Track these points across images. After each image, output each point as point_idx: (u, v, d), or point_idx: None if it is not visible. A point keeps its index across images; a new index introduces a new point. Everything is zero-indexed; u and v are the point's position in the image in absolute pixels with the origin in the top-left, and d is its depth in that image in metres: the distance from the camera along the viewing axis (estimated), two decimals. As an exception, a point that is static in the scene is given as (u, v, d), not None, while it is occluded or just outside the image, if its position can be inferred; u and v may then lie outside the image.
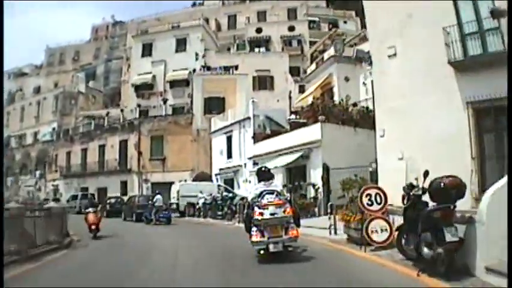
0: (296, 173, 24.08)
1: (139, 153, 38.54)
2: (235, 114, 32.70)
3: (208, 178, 34.00)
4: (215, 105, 37.82)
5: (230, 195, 26.04)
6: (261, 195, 8.16)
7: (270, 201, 7.95)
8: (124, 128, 40.50)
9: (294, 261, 8.09)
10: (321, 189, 21.43)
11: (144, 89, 44.91)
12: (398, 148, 13.19)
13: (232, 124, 32.02)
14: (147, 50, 46.51)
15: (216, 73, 40.93)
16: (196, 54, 42.86)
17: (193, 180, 33.83)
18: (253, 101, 30.37)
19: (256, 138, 28.55)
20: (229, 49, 52.71)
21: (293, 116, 27.79)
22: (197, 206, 26.45)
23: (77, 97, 54.59)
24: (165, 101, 40.59)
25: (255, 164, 26.97)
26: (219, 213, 23.92)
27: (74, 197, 35.80)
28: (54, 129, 52.47)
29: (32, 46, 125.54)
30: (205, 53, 43.82)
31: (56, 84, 61.75)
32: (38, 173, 53.18)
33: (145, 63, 45.66)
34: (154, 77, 44.65)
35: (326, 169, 21.22)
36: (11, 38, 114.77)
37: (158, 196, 22.32)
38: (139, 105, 41.42)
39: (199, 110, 38.64)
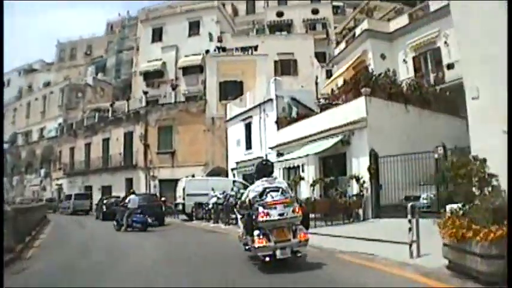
0: (333, 163, 19.02)
1: (146, 146, 34.15)
2: (254, 97, 27.85)
3: (224, 174, 29.36)
4: (232, 90, 33.04)
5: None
6: (263, 193, 7.16)
7: (277, 200, 7.00)
8: (129, 119, 36.21)
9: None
10: (367, 184, 16.31)
11: (153, 77, 40.83)
12: (501, 115, 7.81)
13: (251, 109, 27.24)
14: (157, 35, 42.49)
15: (232, 54, 36.06)
16: (210, 35, 38.19)
17: (207, 176, 29.00)
18: (275, 80, 25.50)
19: (280, 123, 23.75)
20: (247, 34, 48.11)
21: (323, 100, 22.80)
22: (207, 207, 21.38)
23: (84, 90, 50.69)
24: (174, 87, 36.02)
25: (279, 154, 22.42)
26: (233, 216, 18.91)
27: (68, 197, 31.72)
28: (60, 124, 48.63)
29: (45, 45, 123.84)
30: (220, 35, 39.11)
31: (65, 79, 58.09)
32: (43, 171, 49.77)
33: (155, 49, 41.63)
34: (164, 63, 40.52)
35: (374, 157, 16.20)
36: (24, 37, 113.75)
37: (132, 196, 18.47)
38: (146, 93, 36.95)
39: (214, 96, 33.98)
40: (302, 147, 19.66)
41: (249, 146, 27.63)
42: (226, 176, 28.69)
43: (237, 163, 28.63)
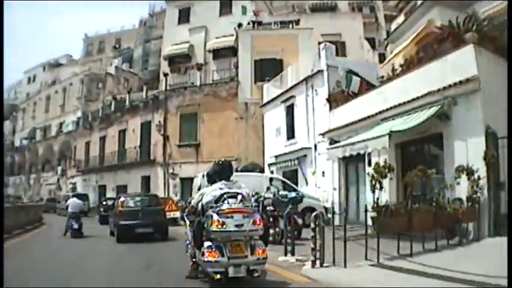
0: (417, 151, 12.92)
1: (165, 138, 28.57)
2: (298, 73, 22.02)
3: (260, 171, 23.28)
4: (269, 69, 27.00)
5: (292, 195, 14.18)
6: (220, 199, 6.26)
7: (235, 208, 6.07)
8: (147, 106, 30.83)
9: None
10: (483, 181, 10.00)
11: (179, 62, 35.50)
12: None
13: (294, 87, 21.43)
14: (184, 16, 37.13)
15: (270, 29, 30.21)
16: (244, 8, 32.56)
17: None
18: (325, 45, 19.51)
19: (334, 101, 17.97)
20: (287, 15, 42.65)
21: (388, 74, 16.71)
22: None
23: (105, 80, 45.65)
24: (199, 66, 30.40)
25: (332, 142, 16.62)
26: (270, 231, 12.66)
27: (66, 198, 27.10)
28: (79, 118, 44.03)
29: (74, 40, 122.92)
30: (256, 10, 33.55)
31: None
32: (59, 169, 45.13)
33: (182, 32, 36.33)
34: (192, 46, 35.11)
35: (492, 138, 10.17)
36: (52, 33, 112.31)
37: (72, 200, 16.61)
38: (166, 75, 31.45)
39: (248, 77, 28.17)
40: (369, 129, 13.52)
41: (291, 134, 21.98)
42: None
43: (276, 157, 22.82)
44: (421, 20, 20.32)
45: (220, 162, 7.05)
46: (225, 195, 6.36)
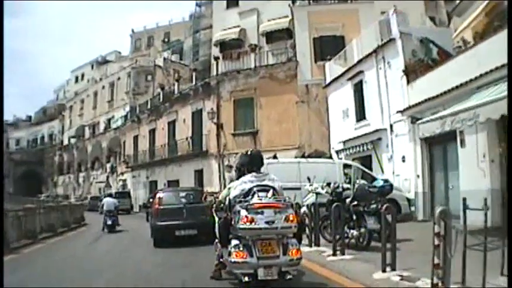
0: None
1: (219, 127, 26.15)
2: (362, 47, 19.28)
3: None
4: (330, 47, 24.13)
5: (380, 183, 11.08)
6: (249, 192, 5.60)
7: (266, 203, 5.37)
8: (197, 93, 28.57)
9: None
10: None
11: (230, 47, 33.11)
12: None
13: (362, 61, 18.70)
14: (232, 0, 34.62)
15: (327, 3, 27.41)
16: (297, -19, 29.62)
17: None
18: (395, 11, 16.69)
19: (413, 72, 15.58)
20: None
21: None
22: (301, 211, 11.81)
23: (154, 72, 44.08)
24: (253, 48, 27.78)
25: (414, 120, 14.10)
26: (351, 232, 9.15)
27: (108, 196, 25.91)
28: (128, 112, 42.67)
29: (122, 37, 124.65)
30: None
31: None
32: (108, 166, 43.88)
33: (231, 16, 33.94)
34: (243, 31, 32.61)
35: None
36: (101, 30, 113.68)
37: (106, 199, 18.75)
38: (217, 58, 29.08)
39: (307, 56, 25.35)
40: (461, 101, 10.50)
41: (361, 115, 19.29)
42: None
43: (344, 142, 19.99)
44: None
45: (249, 153, 6.44)
46: (254, 189, 5.73)
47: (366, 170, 15.72)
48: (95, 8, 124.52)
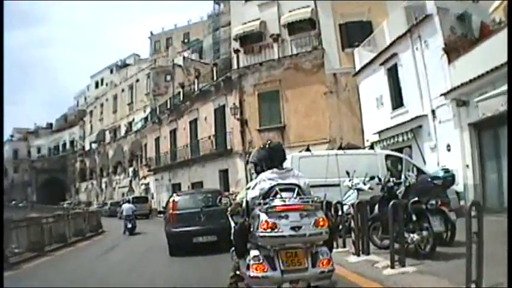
0: None
1: (243, 123, 24.84)
2: (393, 29, 18.00)
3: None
4: (357, 33, 22.90)
5: (440, 174, 9.38)
6: (269, 192, 4.58)
7: (291, 205, 4.39)
8: (219, 89, 27.27)
9: None
10: None
11: (251, 41, 31.72)
12: None
13: (395, 42, 17.43)
14: (251, -8, 33.35)
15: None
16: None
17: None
18: None
19: (454, 49, 14.47)
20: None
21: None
22: (340, 213, 10.03)
23: (173, 72, 43.04)
24: (275, 38, 26.41)
25: (460, 104, 13.71)
26: (411, 236, 7.19)
27: (127, 202, 25.37)
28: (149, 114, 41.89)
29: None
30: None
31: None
32: (131, 170, 42.99)
33: (250, 9, 32.47)
34: (263, 23, 31.17)
35: None
36: (120, 34, 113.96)
37: (124, 205, 20.97)
38: (237, 51, 27.79)
39: (333, 44, 23.97)
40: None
41: (398, 102, 18.08)
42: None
43: (380, 133, 18.67)
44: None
45: (268, 146, 5.33)
46: (276, 188, 4.69)
47: (412, 160, 14.16)
48: (113, 13, 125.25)
